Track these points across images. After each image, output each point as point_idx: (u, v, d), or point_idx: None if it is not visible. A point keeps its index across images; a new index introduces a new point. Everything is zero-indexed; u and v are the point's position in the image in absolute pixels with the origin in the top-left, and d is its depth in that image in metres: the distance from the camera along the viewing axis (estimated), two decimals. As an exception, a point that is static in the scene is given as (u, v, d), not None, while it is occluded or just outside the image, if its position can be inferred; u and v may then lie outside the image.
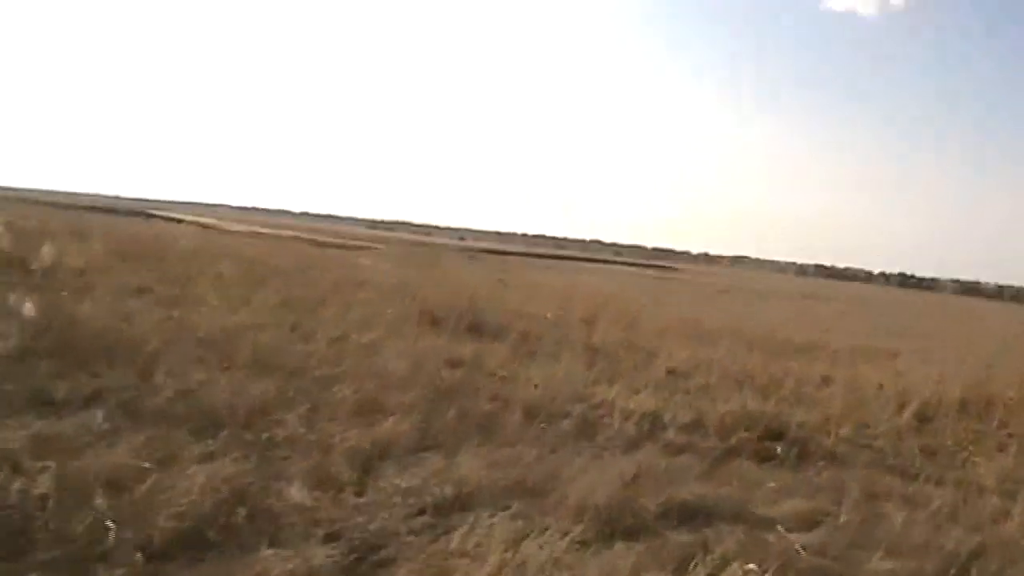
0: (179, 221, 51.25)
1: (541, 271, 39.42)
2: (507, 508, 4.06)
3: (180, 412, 4.73)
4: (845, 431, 7.39)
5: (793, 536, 4.28)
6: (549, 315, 14.48)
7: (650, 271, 70.81)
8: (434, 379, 7.09)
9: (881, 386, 10.13)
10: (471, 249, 64.78)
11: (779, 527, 4.39)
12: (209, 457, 4.11)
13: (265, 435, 4.72)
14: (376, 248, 48.51)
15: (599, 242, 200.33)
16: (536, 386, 7.29)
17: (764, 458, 6.06)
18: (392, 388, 6.51)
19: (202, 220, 59.54)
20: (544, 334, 11.36)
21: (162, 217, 57.31)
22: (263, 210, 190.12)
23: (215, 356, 6.62)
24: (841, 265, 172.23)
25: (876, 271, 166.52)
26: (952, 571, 4.09)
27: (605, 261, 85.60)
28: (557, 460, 5.19)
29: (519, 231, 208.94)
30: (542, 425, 6.08)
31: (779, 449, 6.22)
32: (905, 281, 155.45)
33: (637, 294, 28.57)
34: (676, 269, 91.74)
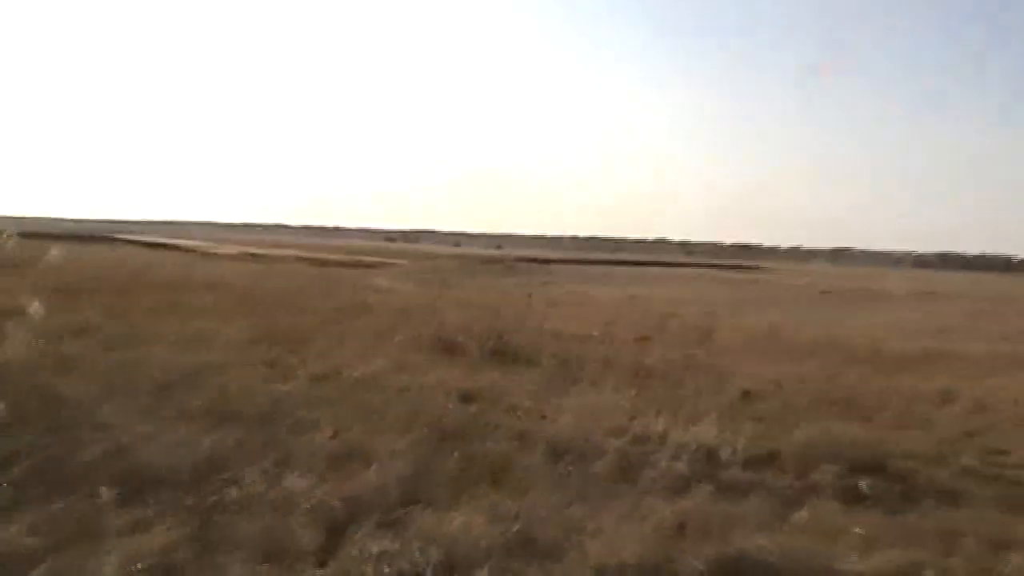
0: (155, 246, 52.82)
1: (592, 281, 39.24)
2: (507, 574, 3.92)
3: (109, 474, 4.73)
4: (967, 460, 7.07)
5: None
6: (595, 334, 14.43)
7: (730, 273, 69.88)
8: (438, 417, 7.09)
9: (1017, 402, 9.75)
10: (508, 259, 64.88)
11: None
12: (134, 528, 4.08)
13: (213, 497, 4.69)
14: (395, 264, 49.09)
15: (666, 242, 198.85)
16: (566, 420, 7.23)
17: (853, 498, 5.83)
18: (384, 431, 6.52)
19: (183, 243, 61.30)
20: (586, 357, 11.34)
21: (135, 242, 59.20)
22: (258, 227, 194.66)
23: (168, 403, 6.68)
24: (972, 252, 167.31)
25: (1021, 256, 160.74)
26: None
27: (673, 264, 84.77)
28: (583, 510, 5.08)
29: (567, 233, 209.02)
30: (568, 467, 6.01)
31: (865, 486, 5.95)
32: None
33: (711, 303, 28.19)
34: (763, 269, 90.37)
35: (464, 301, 21.41)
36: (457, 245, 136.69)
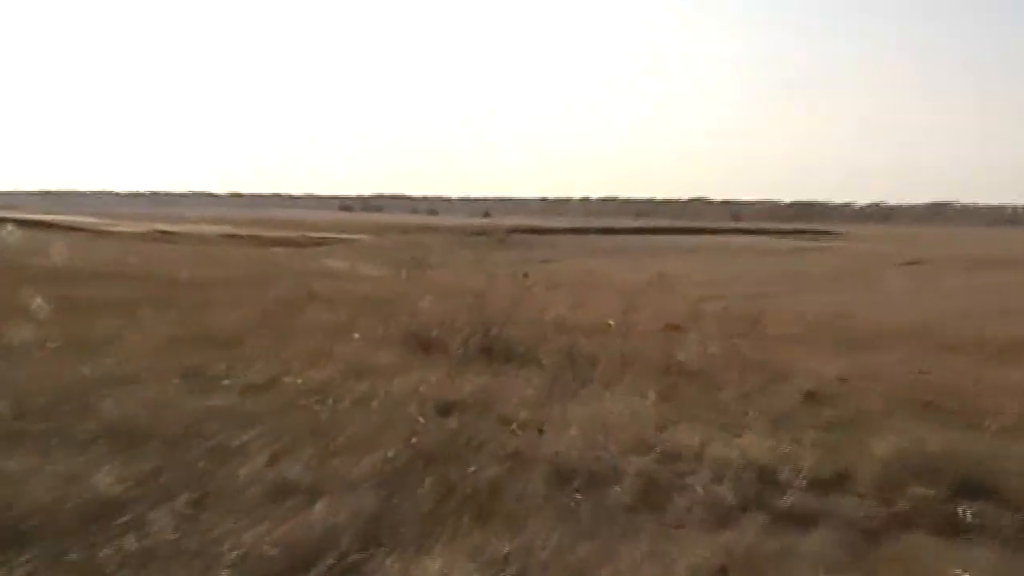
0: (32, 224, 52.53)
1: (607, 256, 39.25)
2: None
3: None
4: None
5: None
6: (611, 323, 14.44)
7: (788, 240, 70.08)
8: (409, 435, 7.07)
9: None
10: (498, 230, 64.93)
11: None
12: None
13: (106, 549, 4.65)
14: (353, 240, 49.13)
15: (704, 202, 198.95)
16: (573, 433, 7.22)
17: (954, 529, 5.83)
18: (337, 454, 6.50)
19: (72, 220, 61.02)
20: (599, 353, 11.38)
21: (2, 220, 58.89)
22: (171, 197, 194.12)
23: (51, 428, 6.65)
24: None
25: None
26: None
27: (714, 231, 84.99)
28: (595, 550, 5.08)
29: (575, 195, 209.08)
30: (576, 494, 6.01)
31: (971, 514, 5.94)
32: None
33: (763, 279, 28.28)
34: (832, 235, 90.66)
35: (442, 285, 21.40)
36: (433, 213, 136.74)
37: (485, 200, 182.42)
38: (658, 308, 17.58)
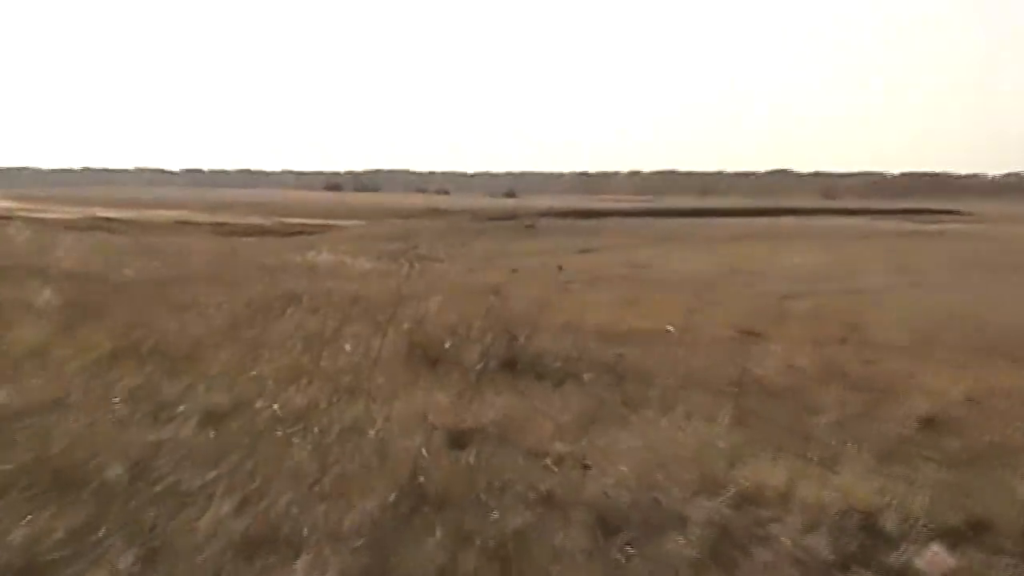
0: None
1: (665, 243, 39.12)
2: None
3: None
4: None
5: None
6: (670, 329, 14.44)
7: (900, 222, 69.68)
8: (412, 473, 7.12)
9: None
10: (525, 212, 65.01)
11: None
12: None
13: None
14: (342, 227, 49.15)
15: (790, 175, 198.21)
16: (621, 470, 7.27)
17: None
18: (321, 500, 6.54)
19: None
20: (654, 367, 11.43)
21: None
22: (113, 174, 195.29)
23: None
24: None
25: None
26: None
27: (802, 212, 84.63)
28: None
29: (624, 168, 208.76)
30: (628, 548, 6.03)
31: None
32: None
33: (864, 271, 28.09)
34: (960, 215, 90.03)
35: (455, 284, 21.40)
36: (443, 193, 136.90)
37: (509, 175, 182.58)
38: (729, 309, 17.57)
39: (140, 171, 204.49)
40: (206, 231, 44.23)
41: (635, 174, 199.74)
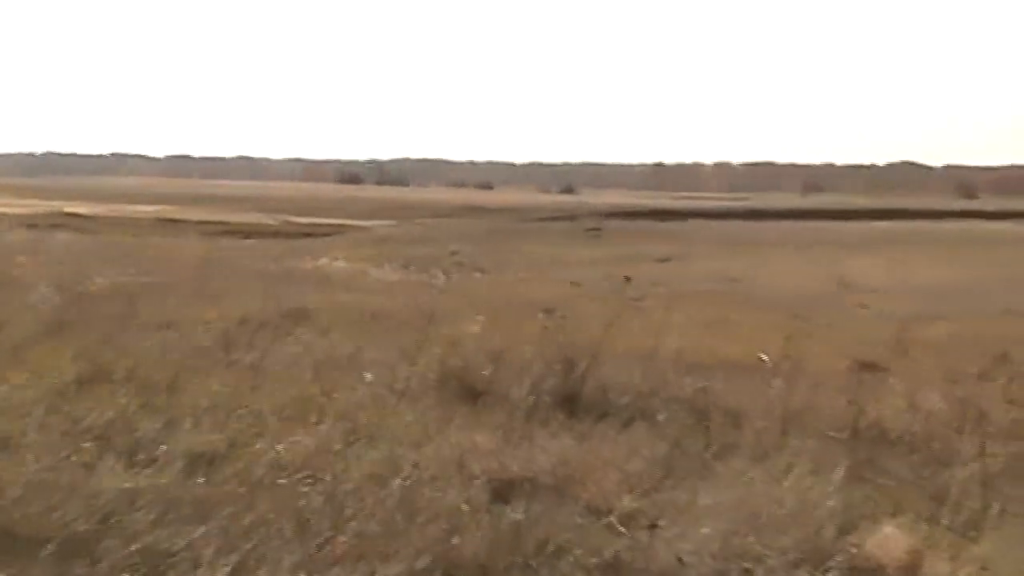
0: None
1: (759, 251, 38.88)
2: None
3: None
4: None
5: None
6: (765, 358, 14.34)
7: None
8: (447, 532, 7.15)
9: None
10: (587, 213, 65.07)
11: None
12: None
13: None
14: (361, 228, 49.23)
15: (912, 167, 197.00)
16: (704, 532, 7.26)
17: None
18: (336, 564, 6.58)
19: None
20: (748, 405, 11.35)
21: None
22: (83, 159, 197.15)
23: None
24: None
25: None
26: None
27: (931, 215, 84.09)
28: None
29: (709, 159, 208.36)
30: None
31: None
32: None
33: (1016, 288, 27.84)
34: None
35: (499, 298, 21.43)
36: (486, 187, 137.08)
37: (567, 167, 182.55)
38: (841, 334, 17.43)
39: (117, 156, 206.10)
40: (192, 229, 44.49)
41: (723, 166, 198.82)
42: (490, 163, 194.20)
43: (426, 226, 49.84)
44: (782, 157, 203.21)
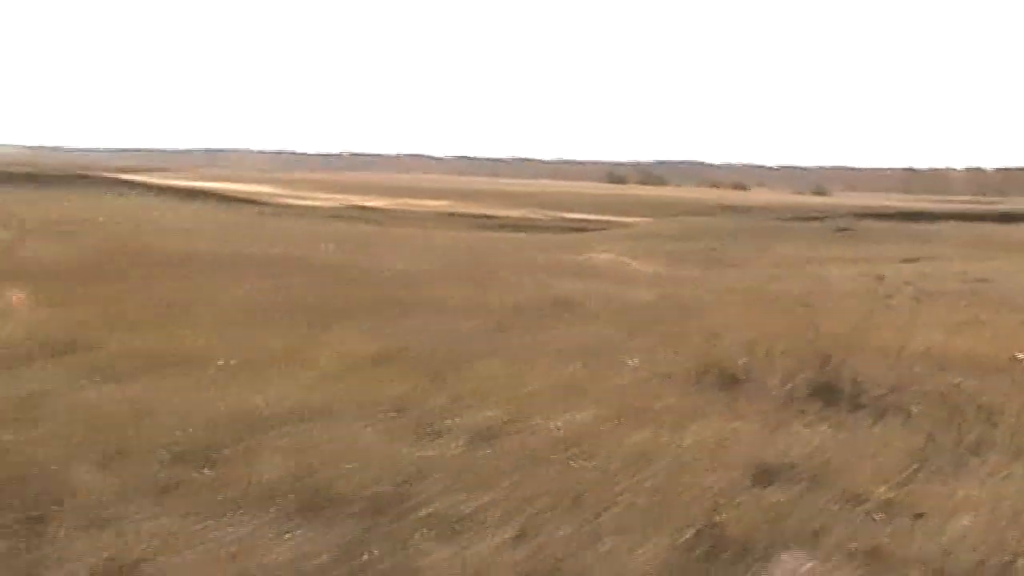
0: (172, 192, 55.62)
1: (1014, 253, 37.27)
2: None
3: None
4: None
5: None
6: (1021, 356, 13.79)
7: None
8: (708, 511, 7.08)
9: None
10: (839, 213, 63.57)
11: None
12: None
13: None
14: (623, 224, 48.96)
15: None
16: (962, 524, 7.01)
17: None
18: (607, 535, 6.55)
19: (218, 188, 64.46)
20: (1003, 402, 10.88)
21: (135, 184, 62.88)
22: (370, 158, 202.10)
23: (200, 482, 7.07)
24: None
25: None
26: None
27: None
28: None
29: (955, 163, 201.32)
30: None
31: None
32: None
33: None
34: None
35: (753, 292, 21.09)
36: (740, 188, 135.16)
37: (819, 170, 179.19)
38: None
39: (403, 156, 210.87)
40: (471, 224, 45.00)
41: (975, 171, 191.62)
42: (745, 165, 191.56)
43: (684, 223, 49.26)
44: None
